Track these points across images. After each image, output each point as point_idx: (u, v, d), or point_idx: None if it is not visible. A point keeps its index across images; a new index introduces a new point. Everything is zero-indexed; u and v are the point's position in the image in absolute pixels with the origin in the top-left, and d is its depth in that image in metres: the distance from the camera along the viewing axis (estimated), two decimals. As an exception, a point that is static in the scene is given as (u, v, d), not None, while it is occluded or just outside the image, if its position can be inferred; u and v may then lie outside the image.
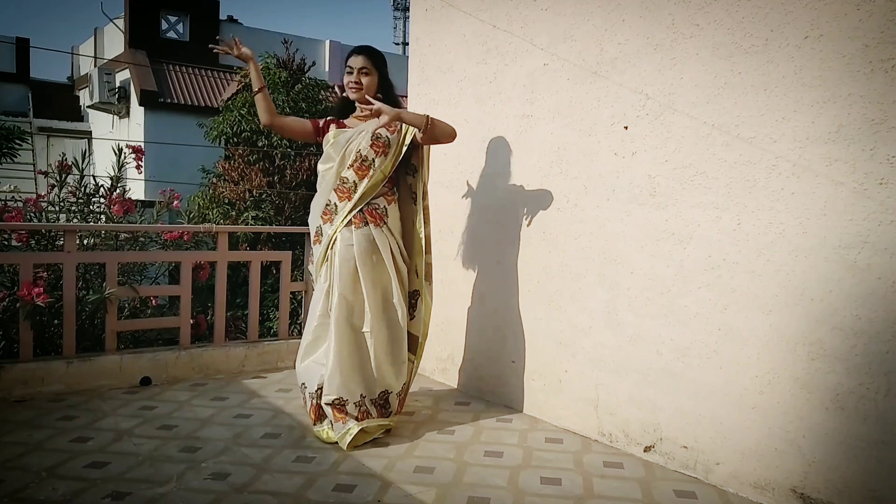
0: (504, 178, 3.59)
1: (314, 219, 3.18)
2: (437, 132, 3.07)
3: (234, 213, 10.35)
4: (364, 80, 3.11)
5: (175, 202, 5.08)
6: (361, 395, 3.02)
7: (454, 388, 3.93)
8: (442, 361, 4.04)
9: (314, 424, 3.07)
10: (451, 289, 3.94)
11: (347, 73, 3.14)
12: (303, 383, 3.15)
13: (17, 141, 7.67)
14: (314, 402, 3.07)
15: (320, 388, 3.04)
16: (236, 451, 2.84)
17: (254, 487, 2.51)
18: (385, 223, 3.12)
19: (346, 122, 3.21)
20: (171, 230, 4.63)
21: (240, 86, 12.02)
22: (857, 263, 2.25)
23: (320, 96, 11.88)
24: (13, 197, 5.23)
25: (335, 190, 3.10)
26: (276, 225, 9.96)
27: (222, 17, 18.08)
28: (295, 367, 3.23)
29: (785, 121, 2.43)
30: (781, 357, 2.45)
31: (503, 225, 3.60)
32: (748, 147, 2.53)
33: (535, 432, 3.21)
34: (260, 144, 10.98)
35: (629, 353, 2.97)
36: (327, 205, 3.12)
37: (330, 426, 3.00)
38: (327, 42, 19.01)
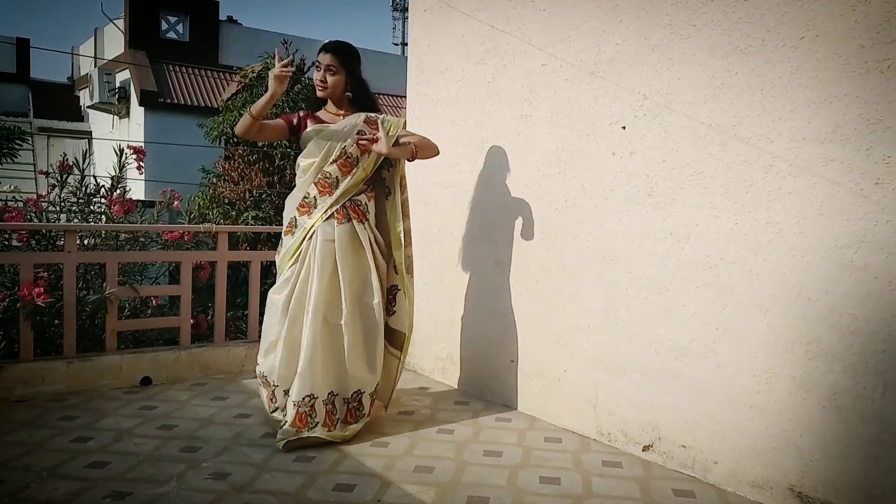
0: (502, 178, 3.60)
1: (289, 210, 3.15)
2: (423, 156, 3.18)
3: (234, 213, 10.35)
4: (330, 79, 3.07)
5: (175, 202, 5.09)
6: (330, 393, 2.99)
7: (453, 387, 3.94)
8: (441, 361, 4.05)
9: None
10: (450, 288, 3.95)
11: (316, 69, 3.10)
12: (273, 381, 3.08)
13: (18, 141, 7.67)
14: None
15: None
16: (236, 451, 2.85)
17: (254, 487, 2.52)
18: (367, 219, 3.13)
19: (321, 116, 3.17)
20: (172, 230, 4.64)
21: (239, 86, 12.03)
22: (853, 263, 2.26)
23: (320, 96, 11.87)
24: (14, 197, 5.24)
25: (315, 184, 3.07)
26: (276, 225, 9.97)
27: (222, 17, 18.08)
28: (259, 364, 3.16)
29: (781, 121, 2.44)
30: (779, 356, 2.46)
31: (502, 225, 3.61)
32: (745, 147, 2.54)
33: (534, 431, 3.22)
34: (260, 144, 10.99)
35: (627, 352, 2.98)
36: (305, 197, 3.09)
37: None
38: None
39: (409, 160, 3.19)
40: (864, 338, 2.24)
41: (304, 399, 2.94)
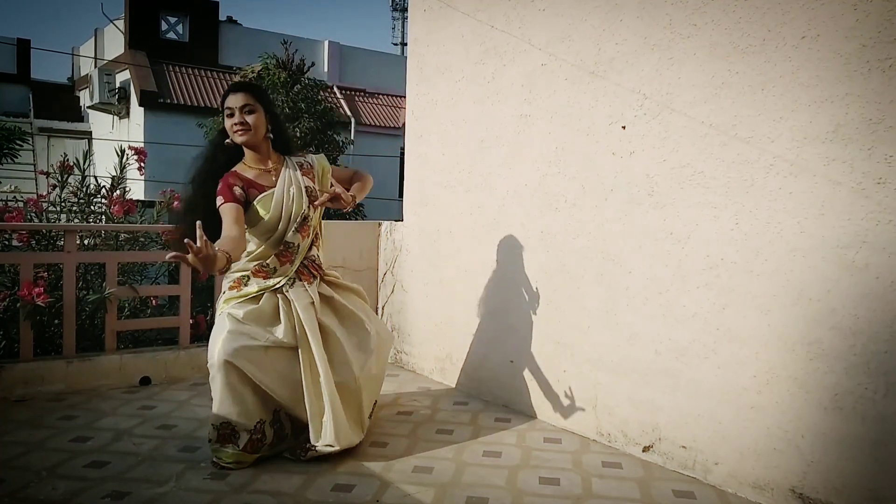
0: (502, 178, 3.59)
1: (240, 266, 2.83)
2: (366, 193, 3.08)
3: (234, 213, 10.33)
4: (250, 118, 2.75)
5: (175, 202, 5.08)
6: (364, 420, 2.99)
7: (452, 387, 3.93)
8: (440, 361, 4.04)
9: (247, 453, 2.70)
10: (450, 288, 3.94)
11: (228, 115, 2.76)
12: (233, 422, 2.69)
13: (18, 141, 7.65)
14: (252, 436, 2.71)
15: (261, 422, 2.73)
16: (235, 451, 2.84)
17: (253, 487, 2.52)
18: (321, 270, 3.00)
19: (253, 178, 2.82)
20: (172, 230, 4.63)
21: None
22: (855, 263, 2.26)
23: (319, 97, 11.89)
24: (14, 197, 5.23)
25: (276, 255, 2.84)
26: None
27: (222, 17, 18.08)
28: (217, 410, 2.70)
29: (782, 120, 2.43)
30: (780, 357, 2.45)
31: (501, 225, 3.60)
32: (746, 147, 2.54)
33: (534, 432, 3.21)
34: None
35: (628, 352, 2.98)
36: (264, 266, 2.84)
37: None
38: (326, 42, 19.00)
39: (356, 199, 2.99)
40: (866, 338, 2.23)
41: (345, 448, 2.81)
